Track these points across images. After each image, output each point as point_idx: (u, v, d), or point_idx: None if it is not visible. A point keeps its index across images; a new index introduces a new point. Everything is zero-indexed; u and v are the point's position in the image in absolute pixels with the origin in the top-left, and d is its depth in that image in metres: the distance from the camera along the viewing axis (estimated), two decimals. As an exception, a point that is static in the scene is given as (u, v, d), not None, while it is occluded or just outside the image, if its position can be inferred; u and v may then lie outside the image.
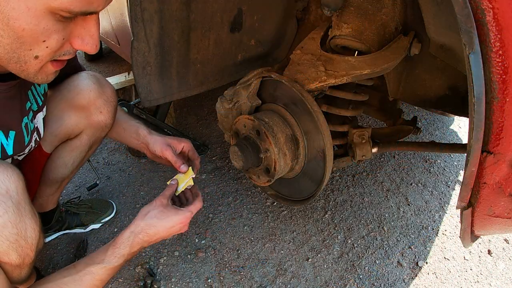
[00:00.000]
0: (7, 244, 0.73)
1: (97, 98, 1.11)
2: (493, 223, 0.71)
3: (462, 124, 2.30)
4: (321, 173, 1.08)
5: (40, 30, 0.60)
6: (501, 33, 0.53)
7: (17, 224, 0.73)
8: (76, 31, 0.68)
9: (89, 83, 1.10)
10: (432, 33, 0.91)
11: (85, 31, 0.68)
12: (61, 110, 1.08)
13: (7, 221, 0.71)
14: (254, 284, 1.25)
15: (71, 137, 1.14)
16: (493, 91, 0.56)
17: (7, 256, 0.74)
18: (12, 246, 0.74)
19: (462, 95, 1.07)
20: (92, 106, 1.11)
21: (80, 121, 1.11)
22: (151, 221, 0.90)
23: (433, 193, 1.69)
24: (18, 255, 0.76)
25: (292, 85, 1.04)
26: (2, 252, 0.73)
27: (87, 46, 0.69)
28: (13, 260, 0.76)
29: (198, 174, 1.01)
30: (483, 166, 0.62)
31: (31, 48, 0.63)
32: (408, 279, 1.29)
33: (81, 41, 0.69)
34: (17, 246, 0.75)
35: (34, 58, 0.65)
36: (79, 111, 1.10)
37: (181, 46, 1.26)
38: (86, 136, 1.15)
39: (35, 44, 0.63)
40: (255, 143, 1.09)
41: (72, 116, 1.10)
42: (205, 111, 2.36)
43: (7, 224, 0.71)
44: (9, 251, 0.74)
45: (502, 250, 1.41)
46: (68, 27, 0.65)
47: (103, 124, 1.15)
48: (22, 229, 0.75)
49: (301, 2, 1.42)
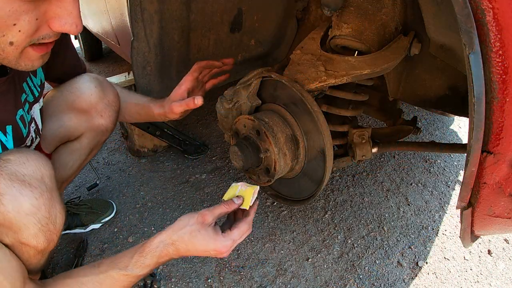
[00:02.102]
0: (39, 227, 0.75)
1: (99, 102, 1.10)
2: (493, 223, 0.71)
3: (462, 124, 2.30)
4: (321, 173, 1.08)
5: (7, 13, 0.57)
6: (501, 33, 0.53)
7: (49, 208, 0.76)
8: (52, 11, 0.63)
9: (90, 86, 1.09)
10: (432, 33, 0.91)
11: (62, 9, 0.63)
12: (62, 112, 1.08)
13: (42, 204, 0.74)
14: (254, 284, 1.25)
15: (71, 139, 1.14)
16: (493, 91, 0.56)
17: (36, 239, 0.76)
18: (42, 229, 0.76)
19: (462, 95, 1.07)
20: (93, 110, 1.10)
21: (81, 124, 1.10)
22: (184, 237, 0.80)
23: (433, 193, 1.69)
24: (45, 239, 0.78)
25: (292, 85, 1.04)
26: (33, 234, 0.75)
27: (66, 25, 0.64)
28: (40, 243, 0.77)
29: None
30: (483, 166, 0.62)
31: (3, 34, 0.60)
32: (408, 279, 1.29)
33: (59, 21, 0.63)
34: (47, 230, 0.77)
35: (9, 44, 0.62)
36: (80, 114, 1.09)
37: (181, 46, 1.26)
38: (86, 139, 1.14)
39: (5, 29, 0.59)
40: (255, 143, 1.09)
41: (72, 118, 1.09)
42: (205, 111, 2.36)
43: (41, 207, 0.74)
44: (39, 233, 0.76)
45: (502, 250, 1.41)
46: (41, 7, 0.61)
47: (103, 128, 1.14)
48: (52, 213, 0.77)
49: (301, 2, 1.42)
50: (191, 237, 0.80)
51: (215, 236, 0.81)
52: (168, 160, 1.91)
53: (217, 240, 0.80)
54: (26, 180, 0.73)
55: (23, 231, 0.74)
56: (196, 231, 0.80)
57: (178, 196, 1.65)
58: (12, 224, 0.72)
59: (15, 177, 0.72)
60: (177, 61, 1.30)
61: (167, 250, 0.81)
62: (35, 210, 0.73)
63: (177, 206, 1.60)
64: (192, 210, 1.56)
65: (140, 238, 1.43)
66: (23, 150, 0.78)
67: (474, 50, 0.54)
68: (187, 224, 0.81)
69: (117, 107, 1.16)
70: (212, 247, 0.80)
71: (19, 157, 0.75)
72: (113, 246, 1.40)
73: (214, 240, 0.80)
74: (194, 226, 0.80)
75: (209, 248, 0.81)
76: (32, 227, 0.74)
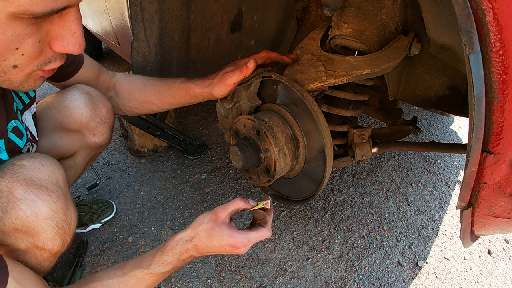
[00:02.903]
0: (56, 230, 0.76)
1: (90, 121, 1.06)
2: (493, 223, 0.71)
3: (462, 124, 2.30)
4: (321, 173, 1.08)
5: (8, 38, 0.55)
6: (501, 33, 0.53)
7: (66, 211, 0.77)
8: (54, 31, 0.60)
9: (80, 105, 1.03)
10: (432, 33, 0.91)
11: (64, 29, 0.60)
12: (52, 131, 1.04)
13: (59, 207, 0.75)
14: (254, 284, 1.25)
15: (65, 157, 1.10)
16: (493, 91, 0.56)
17: (53, 242, 0.77)
18: (59, 232, 0.77)
19: (462, 95, 1.07)
20: (84, 129, 1.07)
21: (73, 143, 1.07)
22: (201, 234, 0.83)
23: (433, 193, 1.69)
24: (61, 241, 0.79)
25: (292, 85, 1.04)
26: (50, 237, 0.76)
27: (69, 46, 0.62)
28: (56, 246, 0.78)
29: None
30: (483, 166, 0.62)
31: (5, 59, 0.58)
32: (408, 279, 1.29)
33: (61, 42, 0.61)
34: (63, 233, 0.78)
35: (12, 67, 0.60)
36: (71, 133, 1.06)
37: (181, 46, 1.26)
38: (80, 157, 1.12)
39: (7, 54, 0.57)
40: (255, 143, 1.09)
41: (63, 138, 1.05)
42: (205, 111, 2.36)
43: (59, 210, 0.75)
44: (55, 236, 0.77)
45: (502, 250, 1.41)
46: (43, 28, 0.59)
47: (97, 145, 1.11)
48: (68, 216, 0.79)
49: (301, 2, 1.42)
50: (207, 234, 0.82)
51: (229, 232, 0.82)
52: (168, 160, 1.91)
53: (231, 236, 0.82)
54: (43, 185, 0.74)
55: (40, 235, 0.74)
56: (210, 228, 0.82)
57: (178, 196, 1.65)
58: (29, 229, 0.73)
59: (32, 182, 0.72)
60: (177, 61, 1.30)
61: (186, 246, 0.83)
62: (53, 213, 0.74)
63: (177, 206, 1.60)
64: (192, 210, 1.56)
65: (140, 238, 1.43)
66: (36, 155, 0.79)
67: (474, 50, 0.54)
68: (202, 222, 0.84)
69: (111, 122, 1.12)
70: (226, 242, 0.82)
71: (33, 162, 0.75)
72: (113, 246, 1.40)
73: (229, 236, 0.82)
74: (209, 224, 0.83)
75: (224, 243, 0.82)
76: (50, 231, 0.75)
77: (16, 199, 0.70)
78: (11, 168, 0.73)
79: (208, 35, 1.29)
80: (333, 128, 1.17)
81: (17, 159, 0.75)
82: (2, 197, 0.70)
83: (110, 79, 1.18)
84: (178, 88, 1.09)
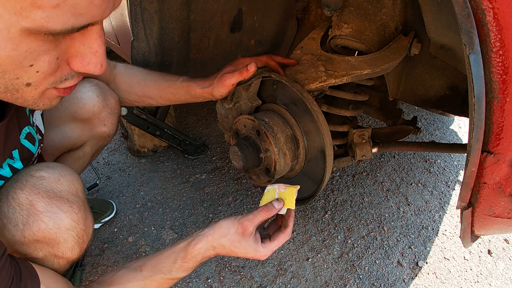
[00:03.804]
0: (76, 239, 0.77)
1: (101, 111, 1.09)
2: (493, 223, 0.71)
3: (462, 124, 2.30)
4: (321, 173, 1.08)
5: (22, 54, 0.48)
6: (501, 33, 0.53)
7: (85, 221, 0.79)
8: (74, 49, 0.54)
9: (92, 96, 1.07)
10: (432, 33, 0.91)
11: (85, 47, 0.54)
12: (64, 123, 1.06)
13: (80, 218, 0.77)
14: (254, 284, 1.25)
15: (75, 148, 1.13)
16: (493, 91, 0.56)
17: (72, 252, 0.78)
18: (79, 241, 0.78)
19: (462, 95, 1.07)
20: (96, 120, 1.09)
21: (84, 133, 1.10)
22: (225, 245, 0.83)
23: (433, 193, 1.69)
24: (79, 250, 0.80)
25: (292, 85, 1.04)
26: (70, 247, 0.77)
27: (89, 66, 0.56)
28: (75, 255, 0.80)
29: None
30: (483, 166, 0.62)
31: (17, 77, 0.52)
32: (408, 279, 1.29)
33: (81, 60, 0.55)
34: (82, 242, 0.80)
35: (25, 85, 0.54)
36: (82, 123, 1.09)
37: (181, 46, 1.26)
38: (89, 147, 1.14)
39: (19, 71, 0.51)
40: (255, 143, 1.09)
41: (75, 129, 1.08)
42: (205, 111, 2.36)
43: (80, 220, 0.77)
44: (75, 246, 0.78)
45: (502, 250, 1.41)
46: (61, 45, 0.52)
47: (106, 135, 1.14)
48: (87, 225, 0.80)
49: (301, 2, 1.42)
50: (232, 246, 0.83)
51: (255, 246, 0.83)
52: (168, 160, 1.91)
53: (257, 251, 0.83)
54: (64, 196, 0.75)
55: (61, 245, 0.75)
56: (236, 242, 0.82)
57: (178, 196, 1.65)
58: (51, 240, 0.74)
59: (53, 194, 0.73)
60: (177, 61, 1.30)
61: (208, 254, 0.85)
62: (75, 224, 0.76)
63: (177, 206, 1.60)
64: (192, 210, 1.56)
65: (140, 238, 1.43)
66: (54, 165, 0.79)
67: (474, 50, 0.54)
68: (227, 233, 0.83)
69: (118, 112, 1.15)
70: (251, 255, 0.84)
71: (52, 173, 0.76)
72: (113, 246, 1.40)
73: (254, 250, 0.83)
74: (234, 236, 0.82)
75: (248, 255, 0.84)
76: (70, 241, 0.76)
77: (38, 211, 0.71)
78: (30, 180, 0.73)
79: (208, 35, 1.29)
80: (333, 128, 1.17)
81: (34, 170, 0.76)
82: (23, 210, 0.70)
83: (111, 71, 1.20)
84: (180, 87, 1.10)
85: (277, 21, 1.44)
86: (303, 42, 1.18)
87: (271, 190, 0.92)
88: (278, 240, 0.86)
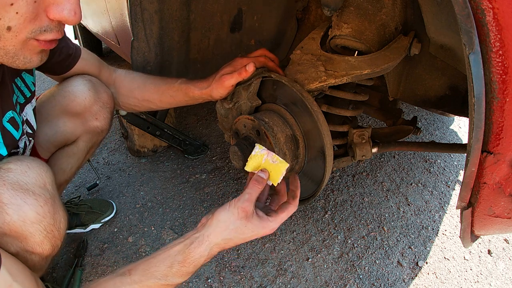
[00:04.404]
0: (44, 234, 0.75)
1: (93, 105, 1.09)
2: (493, 223, 0.71)
3: (462, 124, 2.30)
4: (321, 173, 1.08)
5: None
6: (501, 33, 0.52)
7: (54, 215, 0.77)
8: None
9: (83, 89, 1.07)
10: (432, 33, 0.91)
11: None
12: (56, 117, 1.07)
13: (47, 211, 0.75)
14: (254, 284, 1.25)
15: (68, 143, 1.13)
16: (493, 91, 0.56)
17: (41, 247, 0.76)
18: (48, 236, 0.76)
19: (462, 95, 1.07)
20: (87, 113, 1.09)
21: (76, 128, 1.10)
22: (231, 236, 0.78)
23: (433, 193, 1.69)
24: (51, 245, 0.78)
25: (292, 85, 1.04)
26: (38, 242, 0.75)
27: (64, 12, 0.62)
28: (46, 250, 0.78)
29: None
30: (483, 166, 0.62)
31: (0, 17, 0.57)
32: (408, 279, 1.29)
33: (56, 7, 0.61)
34: (52, 237, 0.77)
35: (6, 29, 0.59)
36: (74, 117, 1.09)
37: (181, 46, 1.26)
38: (83, 142, 1.14)
39: (1, 10, 0.56)
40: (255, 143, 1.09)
41: (67, 123, 1.08)
42: (205, 111, 2.36)
43: (46, 214, 0.74)
44: (44, 241, 0.76)
45: (502, 250, 1.41)
46: None
47: (99, 129, 1.13)
48: (57, 219, 0.78)
49: (301, 2, 1.42)
50: (239, 234, 0.78)
51: (262, 223, 0.79)
52: (168, 160, 1.91)
53: (265, 227, 0.79)
54: (30, 189, 0.73)
55: (29, 239, 0.74)
56: (243, 227, 0.77)
57: (178, 196, 1.65)
58: (17, 234, 0.72)
59: (18, 186, 0.71)
60: (177, 61, 1.30)
61: (212, 254, 0.79)
62: (40, 218, 0.73)
63: (177, 206, 1.60)
64: (192, 210, 1.56)
65: (140, 238, 1.43)
66: (23, 158, 0.78)
67: (474, 50, 0.54)
68: (229, 224, 0.77)
69: (112, 107, 1.15)
70: (261, 233, 0.79)
71: (20, 165, 0.74)
72: (113, 246, 1.40)
73: (263, 228, 0.79)
74: (238, 223, 0.77)
75: (259, 235, 0.79)
76: (38, 235, 0.74)
77: (3, 203, 0.69)
78: None
79: (208, 35, 1.29)
80: (333, 128, 1.17)
81: (3, 162, 0.75)
82: None
83: (111, 75, 1.20)
84: (178, 89, 1.10)
85: (277, 21, 1.44)
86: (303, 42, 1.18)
87: (259, 155, 0.85)
88: (287, 211, 0.83)
